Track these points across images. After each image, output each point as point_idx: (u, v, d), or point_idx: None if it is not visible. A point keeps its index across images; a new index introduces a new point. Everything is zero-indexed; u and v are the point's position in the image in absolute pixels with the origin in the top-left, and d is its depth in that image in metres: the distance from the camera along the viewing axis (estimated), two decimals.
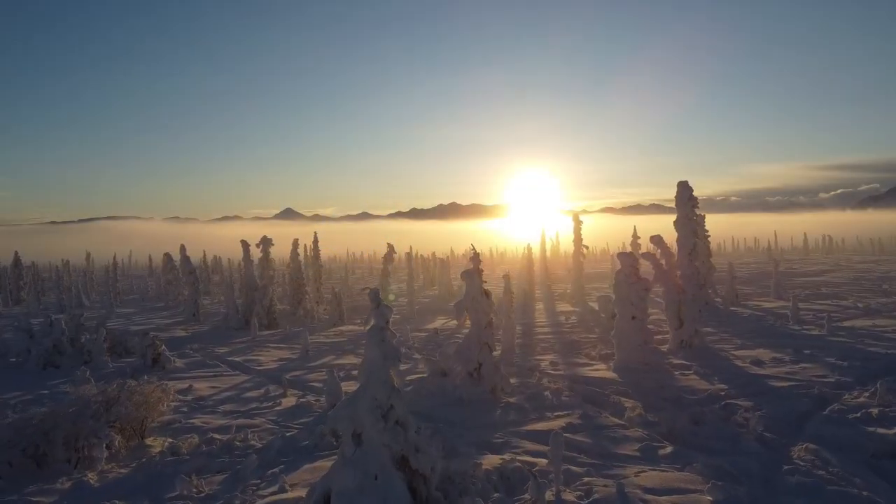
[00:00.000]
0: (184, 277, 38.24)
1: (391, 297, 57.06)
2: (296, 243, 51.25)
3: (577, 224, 44.38)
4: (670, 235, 47.87)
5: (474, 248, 14.17)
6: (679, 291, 20.26)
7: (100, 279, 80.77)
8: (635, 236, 46.87)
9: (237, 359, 21.79)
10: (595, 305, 38.45)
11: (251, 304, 33.57)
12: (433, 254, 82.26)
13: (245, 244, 37.56)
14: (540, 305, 41.55)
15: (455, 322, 34.22)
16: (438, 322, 34.03)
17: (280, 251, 52.61)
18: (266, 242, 49.55)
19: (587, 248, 45.22)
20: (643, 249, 62.84)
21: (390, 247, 48.50)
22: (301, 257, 48.67)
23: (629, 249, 49.79)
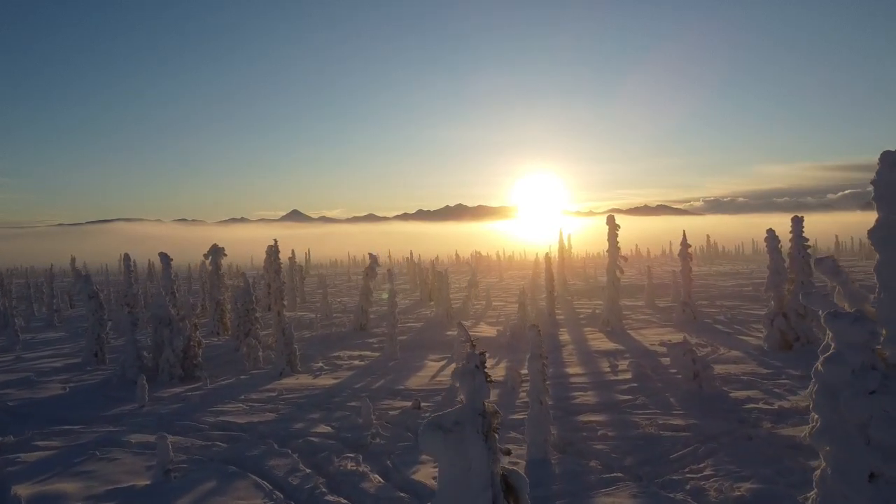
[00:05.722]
0: (82, 302, 28.17)
1: (384, 295, 46.91)
2: (270, 250, 41.29)
3: (613, 228, 34.04)
4: (689, 237, 38.17)
5: (472, 344, 4.05)
6: None
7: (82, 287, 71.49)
8: (685, 244, 36.48)
9: (29, 490, 11.68)
10: (644, 341, 28.25)
11: (160, 345, 23.50)
12: (436, 258, 72.25)
13: (164, 257, 27.37)
14: (566, 335, 31.37)
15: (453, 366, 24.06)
16: (428, 368, 23.93)
17: (284, 255, 42.61)
18: (216, 253, 39.55)
19: (625, 259, 34.98)
20: (698, 260, 52.35)
21: (373, 258, 38.42)
22: (282, 264, 38.72)
23: (676, 258, 39.51)
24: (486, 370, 4.15)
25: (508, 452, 4.26)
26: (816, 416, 7.12)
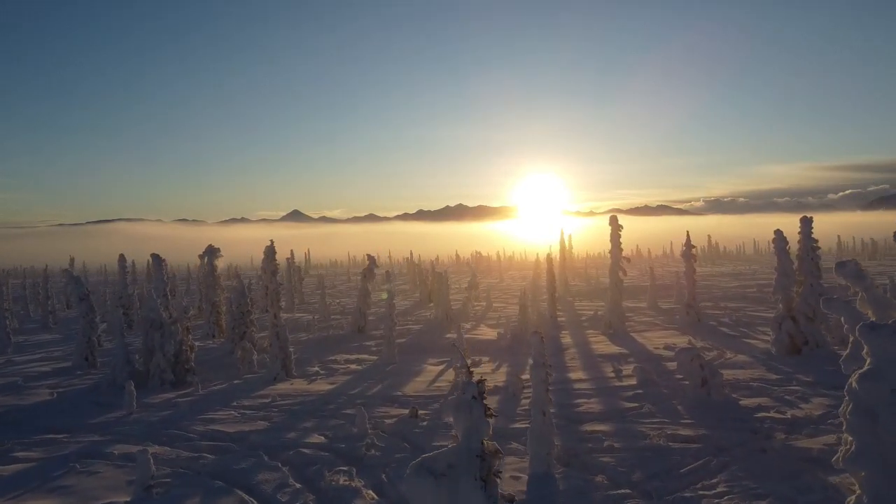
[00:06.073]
0: (74, 304, 27.44)
1: (383, 296, 46.20)
2: (267, 251, 40.61)
3: (616, 229, 33.42)
4: (691, 238, 37.44)
5: (468, 370, 3.41)
6: None
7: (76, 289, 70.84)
8: (688, 244, 35.78)
9: None
10: (648, 344, 27.58)
11: (150, 350, 22.86)
12: (436, 258, 71.59)
13: (157, 258, 26.75)
14: (567, 338, 30.72)
15: (453, 376, 23.24)
16: (427, 373, 23.27)
17: (282, 256, 41.90)
18: (211, 254, 38.91)
19: (628, 260, 34.34)
20: (699, 260, 51.71)
21: (371, 259, 37.77)
22: (280, 265, 38.02)
23: (677, 258, 38.81)
24: (485, 401, 3.51)
25: (512, 500, 3.62)
26: (850, 439, 6.47)
